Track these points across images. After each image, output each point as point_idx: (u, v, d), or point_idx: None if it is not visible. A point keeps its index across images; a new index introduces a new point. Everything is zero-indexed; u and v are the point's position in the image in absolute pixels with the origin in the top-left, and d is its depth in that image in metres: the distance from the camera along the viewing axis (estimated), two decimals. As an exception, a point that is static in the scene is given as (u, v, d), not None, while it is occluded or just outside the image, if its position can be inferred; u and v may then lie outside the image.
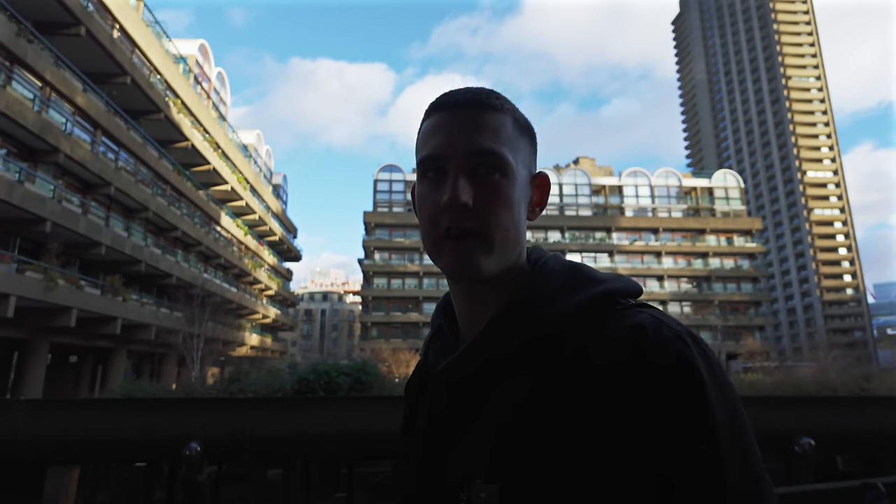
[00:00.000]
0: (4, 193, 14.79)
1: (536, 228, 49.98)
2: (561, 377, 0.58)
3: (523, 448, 0.56)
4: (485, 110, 0.65)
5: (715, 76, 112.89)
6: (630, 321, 0.58)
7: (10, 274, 15.58)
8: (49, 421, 11.37)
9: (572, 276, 0.66)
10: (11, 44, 15.62)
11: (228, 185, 32.22)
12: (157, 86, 23.47)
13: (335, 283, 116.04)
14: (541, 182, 0.70)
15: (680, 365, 0.54)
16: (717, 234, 51.14)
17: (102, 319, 20.62)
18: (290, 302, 50.84)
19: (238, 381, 18.18)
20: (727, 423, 0.53)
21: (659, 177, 53.53)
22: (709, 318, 48.06)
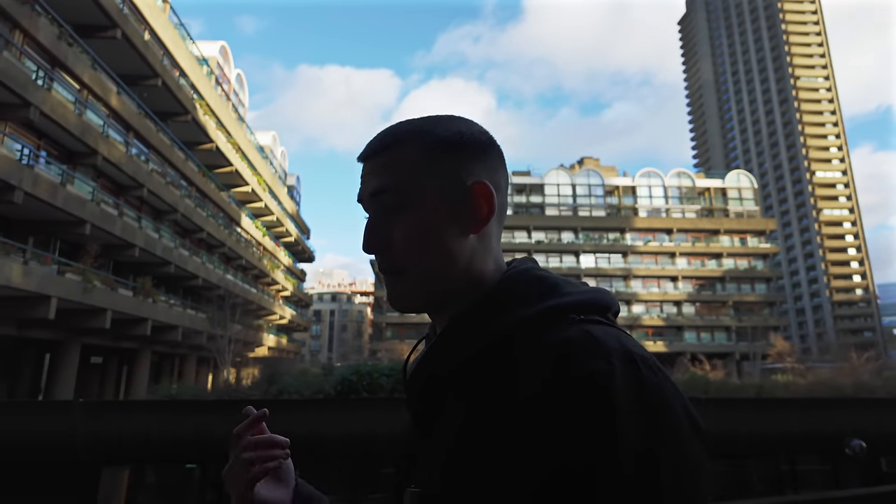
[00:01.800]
0: (48, 195, 14.88)
1: (550, 229, 50.03)
2: (491, 392, 0.58)
3: (453, 461, 0.57)
4: (381, 152, 0.68)
5: (722, 76, 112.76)
6: (562, 335, 0.56)
7: (52, 276, 15.68)
8: (105, 422, 11.45)
9: (533, 288, 0.64)
10: (53, 46, 15.72)
11: (249, 187, 32.32)
12: (185, 88, 23.57)
13: (342, 284, 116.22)
14: (480, 190, 0.66)
15: (589, 383, 0.51)
16: (731, 234, 51.10)
17: (134, 321, 20.70)
18: (305, 303, 50.96)
19: (275, 382, 18.25)
20: (637, 453, 0.48)
21: (672, 177, 53.50)
22: (723, 318, 48.02)
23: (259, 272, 35.32)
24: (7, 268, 13.75)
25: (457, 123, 0.70)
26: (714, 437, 6.34)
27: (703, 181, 54.60)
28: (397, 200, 0.65)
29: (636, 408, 0.50)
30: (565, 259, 49.09)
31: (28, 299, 15.20)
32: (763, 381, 18.64)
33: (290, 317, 43.57)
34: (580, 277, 48.49)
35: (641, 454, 0.48)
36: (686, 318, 47.76)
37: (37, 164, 14.66)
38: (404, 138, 0.67)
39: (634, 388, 0.51)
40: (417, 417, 0.67)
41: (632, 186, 53.06)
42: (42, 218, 16.10)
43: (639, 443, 0.49)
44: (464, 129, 0.69)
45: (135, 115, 20.19)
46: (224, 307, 23.57)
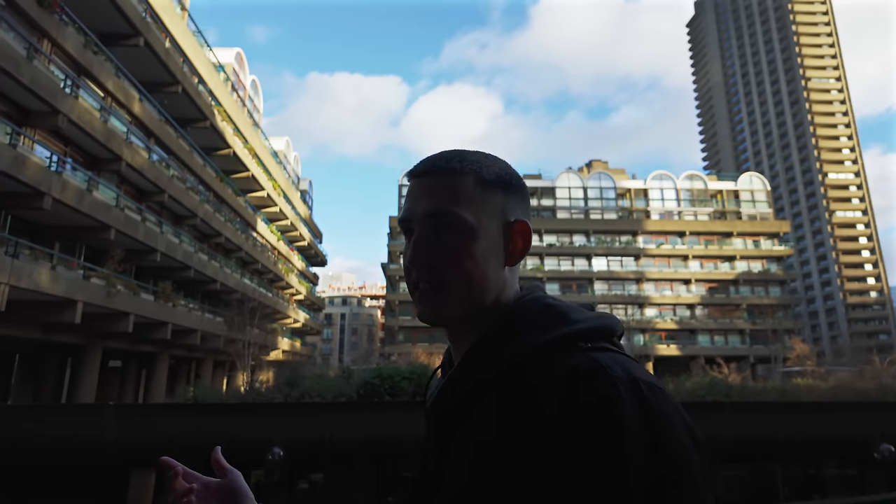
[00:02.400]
0: (75, 201, 15.12)
1: (561, 232, 49.96)
2: (505, 415, 0.62)
3: (472, 481, 0.61)
4: (441, 174, 0.72)
5: (732, 78, 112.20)
6: (571, 363, 0.61)
7: (78, 280, 15.90)
8: (135, 425, 11.60)
9: (543, 316, 0.69)
10: (79, 55, 16.00)
11: (264, 192, 32.58)
12: (203, 94, 23.84)
13: (352, 288, 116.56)
14: (519, 228, 0.74)
15: (600, 408, 0.56)
16: (744, 237, 50.78)
17: (155, 324, 20.91)
18: (318, 306, 51.17)
19: (296, 385, 18.35)
20: (645, 476, 0.53)
21: (684, 180, 53.29)
22: (736, 321, 47.67)
23: (274, 276, 35.56)
24: (36, 273, 13.98)
25: (502, 162, 0.77)
26: (737, 442, 6.36)
27: (716, 183, 54.34)
28: (452, 223, 0.70)
29: (641, 428, 0.55)
30: (577, 262, 48.99)
31: (55, 303, 15.43)
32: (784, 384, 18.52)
33: (304, 320, 43.78)
34: (592, 281, 48.35)
35: (647, 470, 0.53)
36: (699, 321, 47.46)
37: (64, 171, 14.90)
38: (464, 167, 0.72)
39: (638, 409, 0.56)
40: (438, 438, 0.71)
41: (643, 189, 52.89)
42: (68, 223, 16.35)
43: (644, 459, 0.53)
44: (509, 168, 0.76)
45: (156, 122, 20.46)
46: (243, 311, 23.76)
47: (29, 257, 14.09)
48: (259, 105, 38.00)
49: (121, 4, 17.05)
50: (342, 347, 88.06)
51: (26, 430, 11.75)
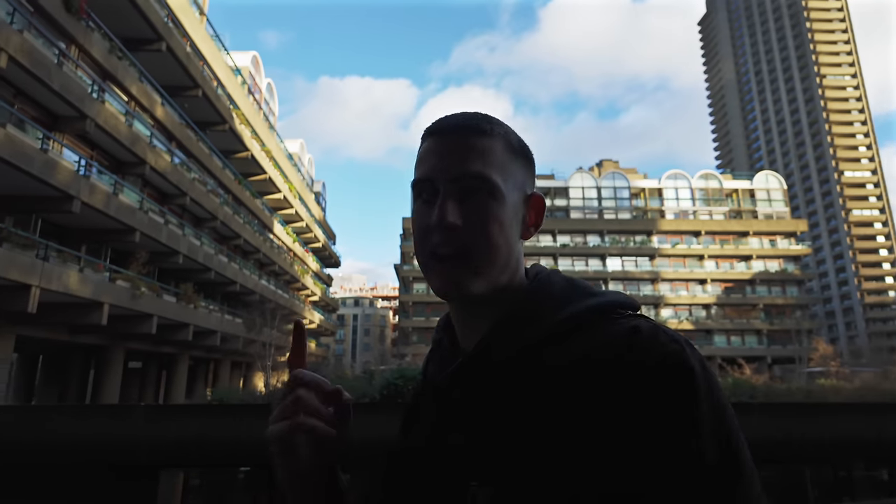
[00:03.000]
0: (102, 205, 15.34)
1: (575, 232, 49.78)
2: (557, 382, 0.59)
3: (518, 452, 0.58)
4: (474, 135, 0.67)
5: (745, 76, 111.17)
6: (627, 324, 0.61)
7: (104, 282, 16.11)
8: (165, 425, 11.73)
9: (571, 289, 0.68)
10: (105, 60, 16.23)
11: (281, 194, 32.81)
12: (222, 98, 24.07)
13: (363, 289, 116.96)
14: (535, 202, 0.71)
15: (674, 361, 0.56)
16: (760, 236, 50.28)
17: (176, 326, 21.12)
18: (332, 307, 51.42)
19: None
20: (714, 420, 0.55)
21: (699, 179, 52.88)
22: (753, 321, 47.19)
23: (290, 277, 35.79)
24: (66, 275, 14.20)
25: (516, 133, 0.73)
26: (765, 443, 6.30)
27: (731, 182, 53.87)
28: (484, 188, 0.65)
29: (705, 381, 0.56)
30: (591, 262, 48.77)
31: (82, 305, 15.65)
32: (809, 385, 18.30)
33: (319, 321, 44.00)
34: (607, 281, 48.10)
35: (717, 417, 0.55)
36: (715, 321, 47.05)
37: (92, 175, 15.12)
38: (493, 130, 0.68)
39: (701, 367, 0.57)
40: (460, 412, 0.65)
41: (658, 189, 52.55)
42: (94, 226, 16.58)
43: (711, 407, 0.55)
44: (523, 141, 0.73)
45: (177, 126, 20.69)
46: (264, 312, 23.97)
47: (58, 260, 14.31)
48: (274, 108, 38.30)
49: (144, 10, 17.27)
50: (355, 348, 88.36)
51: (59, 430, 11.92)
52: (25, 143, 12.33)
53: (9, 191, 13.73)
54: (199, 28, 22.67)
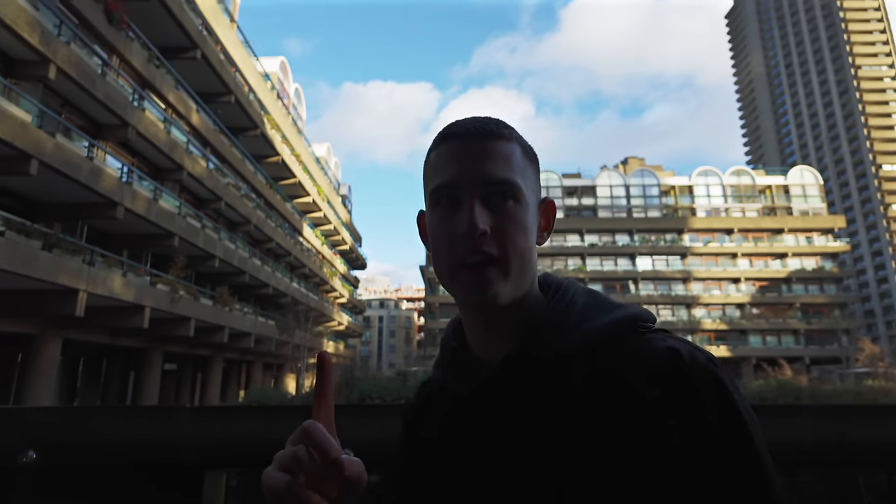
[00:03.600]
0: (144, 210, 15.69)
1: (603, 232, 49.14)
2: (590, 396, 0.59)
3: (555, 463, 0.57)
4: (495, 139, 0.66)
5: (774, 69, 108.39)
6: (664, 344, 0.60)
7: (146, 286, 16.47)
8: (210, 426, 11.92)
9: (594, 301, 0.67)
10: (144, 69, 16.61)
11: (310, 197, 33.19)
12: (254, 103, 24.44)
13: (388, 290, 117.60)
14: (547, 207, 0.71)
15: (717, 386, 0.57)
16: (796, 233, 48.88)
17: (213, 328, 21.50)
18: (359, 309, 51.79)
19: (353, 387, 18.57)
20: (763, 446, 0.57)
21: (731, 175, 51.67)
22: (790, 321, 45.89)
23: (319, 280, 36.15)
24: (110, 279, 14.56)
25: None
26: (817, 446, 6.01)
27: (764, 178, 52.47)
28: (510, 193, 0.65)
29: (741, 399, 0.58)
30: (620, 262, 48.03)
31: (125, 309, 16.04)
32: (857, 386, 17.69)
33: (347, 323, 44.36)
34: (637, 281, 47.36)
35: (755, 444, 0.56)
36: (750, 321, 45.89)
37: (133, 181, 15.48)
38: (511, 135, 0.68)
39: (736, 385, 0.59)
40: (489, 424, 0.64)
41: (688, 186, 51.50)
42: (135, 232, 16.98)
43: (752, 423, 0.57)
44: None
45: (211, 131, 21.08)
46: (298, 314, 24.28)
47: (103, 265, 14.68)
48: (302, 113, 38.77)
49: (181, 19, 17.64)
50: (380, 350, 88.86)
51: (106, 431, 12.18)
52: (73, 152, 12.69)
53: (57, 198, 14.15)
54: (231, 35, 23.07)
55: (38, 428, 11.57)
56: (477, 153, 0.65)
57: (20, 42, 11.47)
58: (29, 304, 13.42)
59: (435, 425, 0.71)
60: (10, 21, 10.91)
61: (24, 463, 10.97)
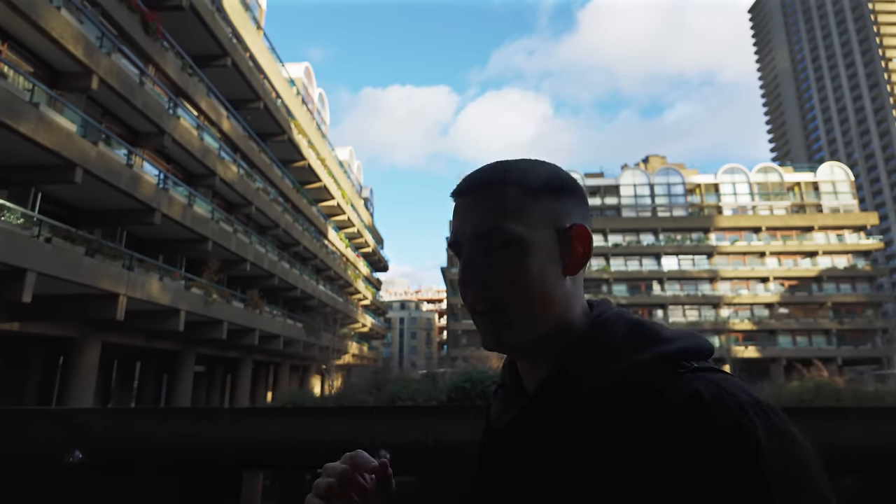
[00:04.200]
0: (179, 216, 16.03)
1: (627, 231, 48.61)
2: (613, 438, 0.57)
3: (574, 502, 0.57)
4: (485, 189, 0.67)
5: (800, 63, 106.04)
6: (690, 386, 0.56)
7: (181, 290, 16.81)
8: (249, 427, 12.13)
9: (633, 335, 0.63)
10: (178, 77, 16.98)
11: (334, 201, 33.51)
12: (281, 109, 24.78)
13: (408, 292, 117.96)
14: (577, 233, 0.68)
15: (735, 434, 0.52)
16: (826, 231, 47.73)
17: (243, 331, 21.83)
18: (382, 311, 52.08)
19: (382, 389, 18.68)
20: (790, 494, 0.50)
21: (758, 173, 50.68)
22: (821, 321, 44.82)
23: (344, 282, 36.46)
24: (148, 284, 14.90)
25: (551, 166, 0.71)
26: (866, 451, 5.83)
27: (792, 175, 51.35)
28: (502, 239, 0.65)
29: (776, 448, 0.52)
30: (645, 262, 47.46)
31: (161, 312, 16.39)
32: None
33: (371, 325, 44.63)
34: (662, 281, 46.75)
35: (793, 491, 0.50)
36: (780, 321, 44.94)
37: (170, 187, 15.82)
38: (507, 178, 0.68)
39: (771, 435, 0.52)
40: (517, 458, 0.65)
41: (714, 184, 50.65)
42: (171, 237, 17.35)
43: (787, 480, 0.50)
44: (560, 172, 0.71)
45: (241, 137, 21.43)
46: (326, 317, 24.54)
47: (141, 269, 15.03)
48: (326, 117, 39.19)
49: (212, 28, 17.99)
50: (402, 351, 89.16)
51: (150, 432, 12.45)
52: (114, 160, 13.03)
53: (96, 205, 14.54)
54: (258, 41, 23.43)
55: (85, 429, 11.90)
56: (467, 208, 0.68)
57: (65, 55, 11.83)
58: (72, 308, 13.81)
59: (486, 458, 0.74)
60: (58, 35, 11.26)
61: (71, 463, 11.29)
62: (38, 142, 10.70)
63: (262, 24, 26.09)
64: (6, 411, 13.23)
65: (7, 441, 11.66)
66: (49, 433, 11.96)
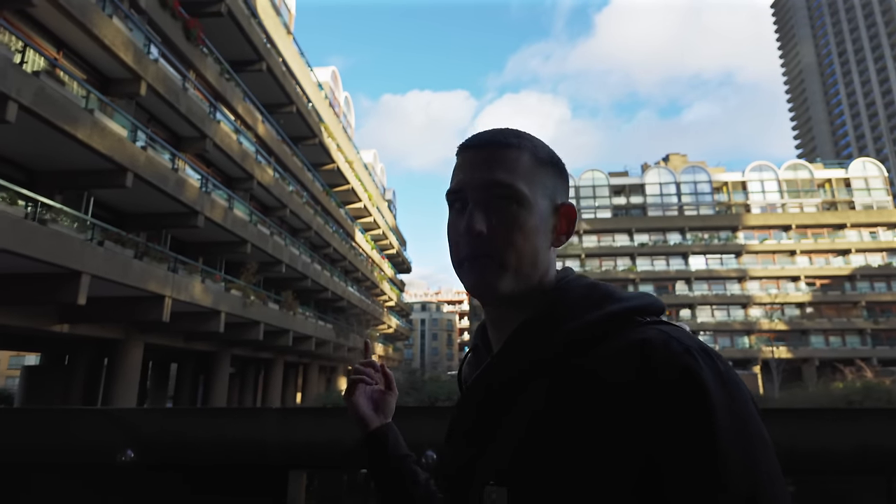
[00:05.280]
0: (220, 218, 16.26)
1: (654, 231, 48.03)
2: (571, 391, 0.61)
3: (532, 456, 0.60)
4: (500, 148, 0.71)
5: (826, 58, 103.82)
6: (639, 336, 0.60)
7: (221, 292, 17.04)
8: (296, 428, 12.24)
9: (589, 294, 0.68)
10: (216, 82, 17.24)
11: (361, 203, 33.71)
12: (312, 113, 25.01)
13: (428, 294, 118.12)
14: (566, 211, 0.74)
15: (684, 377, 0.55)
16: (859, 228, 46.59)
17: (278, 332, 22.05)
18: (406, 312, 52.23)
19: (419, 389, 18.73)
20: (732, 434, 0.53)
21: (787, 170, 49.68)
22: (855, 320, 43.76)
23: (371, 283, 36.64)
24: (192, 286, 15.14)
25: (548, 146, 0.76)
26: None
27: (822, 172, 50.23)
28: (510, 195, 0.68)
29: (722, 393, 0.55)
30: (672, 262, 46.82)
31: (202, 314, 16.63)
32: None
33: (395, 326, 44.78)
34: (690, 280, 46.08)
35: (735, 432, 0.53)
36: (812, 321, 43.97)
37: (212, 191, 16.06)
38: (520, 143, 0.72)
39: (715, 375, 0.56)
40: (483, 416, 0.69)
41: (741, 182, 49.78)
42: (211, 239, 17.60)
43: (730, 421, 0.54)
44: (555, 153, 0.75)
45: (275, 141, 21.67)
46: (359, 317, 24.69)
47: (185, 272, 15.28)
48: (351, 120, 39.48)
49: (248, 33, 18.24)
50: (423, 352, 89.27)
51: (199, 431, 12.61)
52: (162, 164, 13.28)
53: (141, 208, 14.83)
54: (290, 46, 23.69)
55: (136, 428, 12.12)
56: (481, 160, 0.71)
57: (116, 61, 12.09)
58: (120, 309, 14.08)
59: (458, 421, 0.78)
60: (110, 42, 11.51)
61: (123, 462, 11.51)
62: (93, 147, 10.94)
63: (291, 28, 26.38)
64: (59, 410, 13.56)
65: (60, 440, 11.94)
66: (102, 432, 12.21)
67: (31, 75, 9.46)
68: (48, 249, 10.27)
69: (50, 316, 13.40)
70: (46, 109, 9.72)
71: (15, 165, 11.74)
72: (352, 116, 39.74)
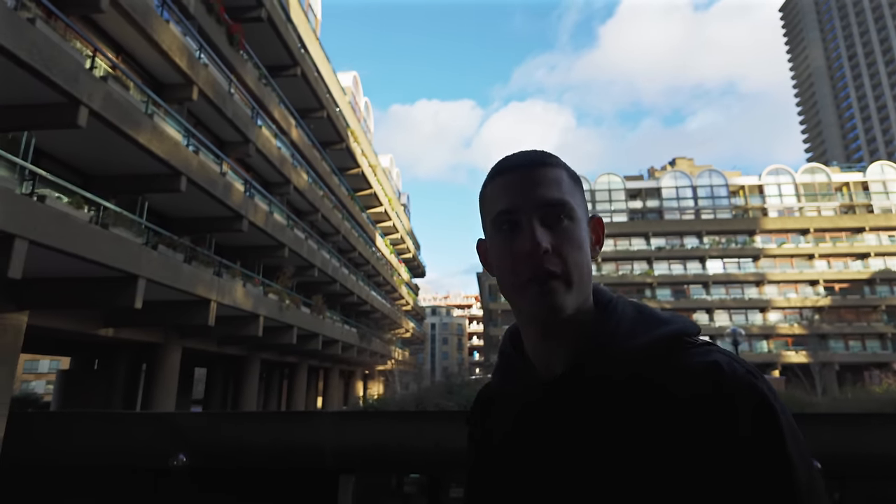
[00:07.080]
0: (262, 223, 16.30)
1: (671, 235, 47.91)
2: (644, 404, 0.65)
3: (610, 471, 0.63)
4: (545, 167, 0.73)
5: (836, 61, 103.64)
6: (707, 358, 0.65)
7: (260, 296, 17.06)
8: (350, 432, 12.21)
9: (641, 316, 0.72)
10: (256, 87, 17.32)
11: (382, 207, 33.78)
12: (340, 118, 25.10)
13: (437, 298, 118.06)
14: (596, 224, 0.78)
15: (753, 394, 0.62)
16: (878, 231, 46.36)
17: (309, 336, 22.05)
18: (421, 316, 52.22)
19: (455, 394, 18.68)
20: (792, 440, 0.60)
21: (804, 174, 49.53)
22: (875, 325, 43.48)
23: (390, 287, 36.65)
24: (234, 290, 15.17)
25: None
26: None
27: (840, 175, 50.03)
28: (568, 214, 0.71)
29: (780, 407, 0.62)
30: (689, 266, 46.66)
31: (242, 318, 16.65)
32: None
33: (412, 330, 44.76)
34: (707, 284, 45.90)
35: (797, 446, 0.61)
36: (831, 325, 43.71)
37: (254, 196, 16.11)
38: (558, 162, 0.75)
39: (772, 392, 0.63)
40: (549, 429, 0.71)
41: (758, 185, 49.63)
42: (250, 244, 17.64)
43: (792, 437, 0.61)
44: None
45: (306, 146, 21.75)
46: (383, 322, 24.66)
47: (228, 276, 15.31)
48: (371, 125, 39.58)
49: (285, 38, 18.33)
50: (433, 357, 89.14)
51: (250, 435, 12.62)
52: (212, 169, 13.33)
53: (187, 213, 14.88)
54: (318, 51, 23.80)
55: (188, 433, 12.12)
56: (531, 180, 0.72)
57: (171, 66, 12.17)
58: (165, 314, 14.10)
59: (502, 429, 0.78)
60: (167, 47, 11.59)
61: (175, 466, 11.51)
62: (152, 151, 11.00)
63: (318, 33, 26.51)
64: (112, 415, 13.57)
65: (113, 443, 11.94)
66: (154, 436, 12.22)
67: (100, 80, 9.53)
68: (110, 253, 10.31)
69: (96, 319, 13.44)
70: (113, 114, 9.78)
71: (71, 169, 11.80)
72: (371, 121, 39.86)
